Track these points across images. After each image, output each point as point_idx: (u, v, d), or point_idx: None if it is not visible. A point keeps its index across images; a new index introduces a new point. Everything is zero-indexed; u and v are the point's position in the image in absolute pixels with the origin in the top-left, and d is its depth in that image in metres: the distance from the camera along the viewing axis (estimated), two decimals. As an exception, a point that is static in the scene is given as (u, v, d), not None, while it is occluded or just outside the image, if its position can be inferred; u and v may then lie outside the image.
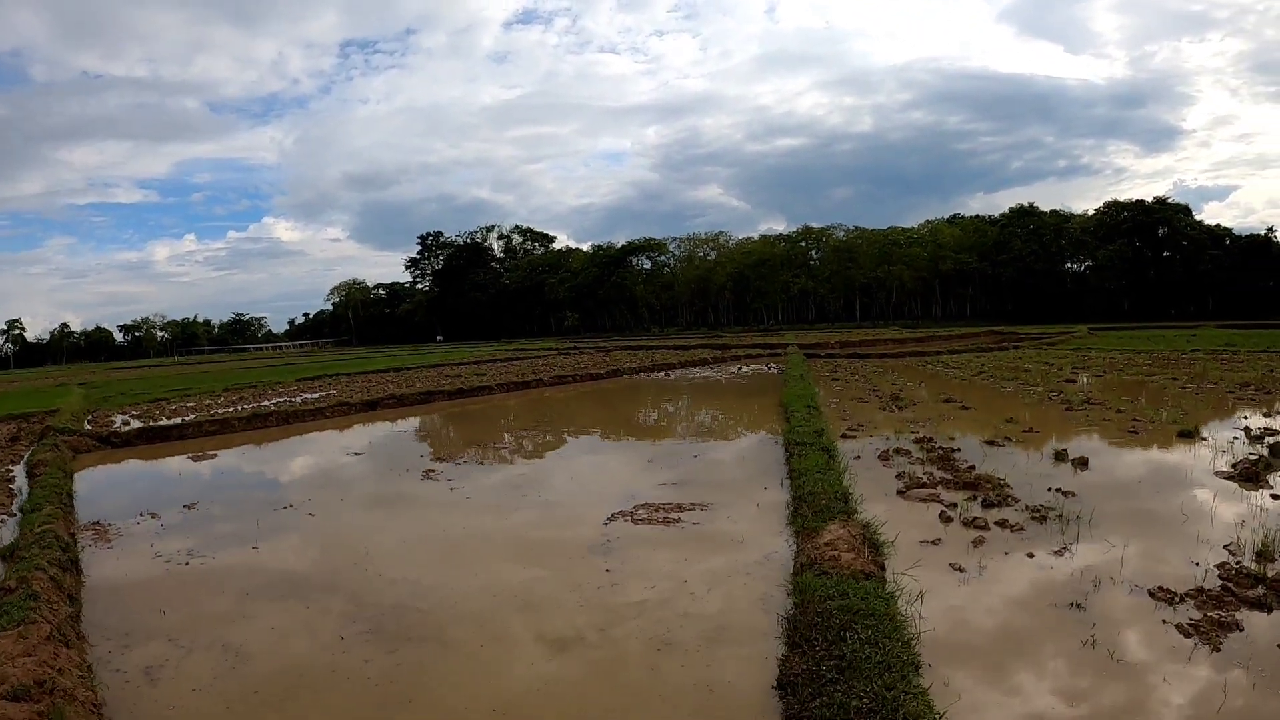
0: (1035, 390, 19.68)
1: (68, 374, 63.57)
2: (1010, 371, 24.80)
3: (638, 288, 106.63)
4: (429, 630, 6.04)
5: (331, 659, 5.58)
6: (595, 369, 33.42)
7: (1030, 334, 47.75)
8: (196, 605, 6.85)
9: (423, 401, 24.90)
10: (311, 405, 22.93)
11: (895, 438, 13.47)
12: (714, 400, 23.30)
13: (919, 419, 15.63)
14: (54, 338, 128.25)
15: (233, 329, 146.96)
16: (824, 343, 44.74)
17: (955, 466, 10.80)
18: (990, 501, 8.83)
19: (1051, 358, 30.36)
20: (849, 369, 29.98)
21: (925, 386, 22.43)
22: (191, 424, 19.76)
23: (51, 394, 32.50)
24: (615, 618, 6.07)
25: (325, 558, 8.31)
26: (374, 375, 37.13)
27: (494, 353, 55.42)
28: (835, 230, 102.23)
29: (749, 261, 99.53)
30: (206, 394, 29.45)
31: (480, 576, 7.26)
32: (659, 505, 9.41)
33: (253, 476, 14.04)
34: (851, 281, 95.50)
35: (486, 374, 33.29)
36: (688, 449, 13.63)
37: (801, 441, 11.66)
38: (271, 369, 48.60)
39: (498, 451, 14.98)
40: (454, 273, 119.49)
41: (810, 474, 9.40)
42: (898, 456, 11.80)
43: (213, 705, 5.03)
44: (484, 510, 10.02)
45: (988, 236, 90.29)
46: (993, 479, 9.76)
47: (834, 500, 8.10)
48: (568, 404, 24.12)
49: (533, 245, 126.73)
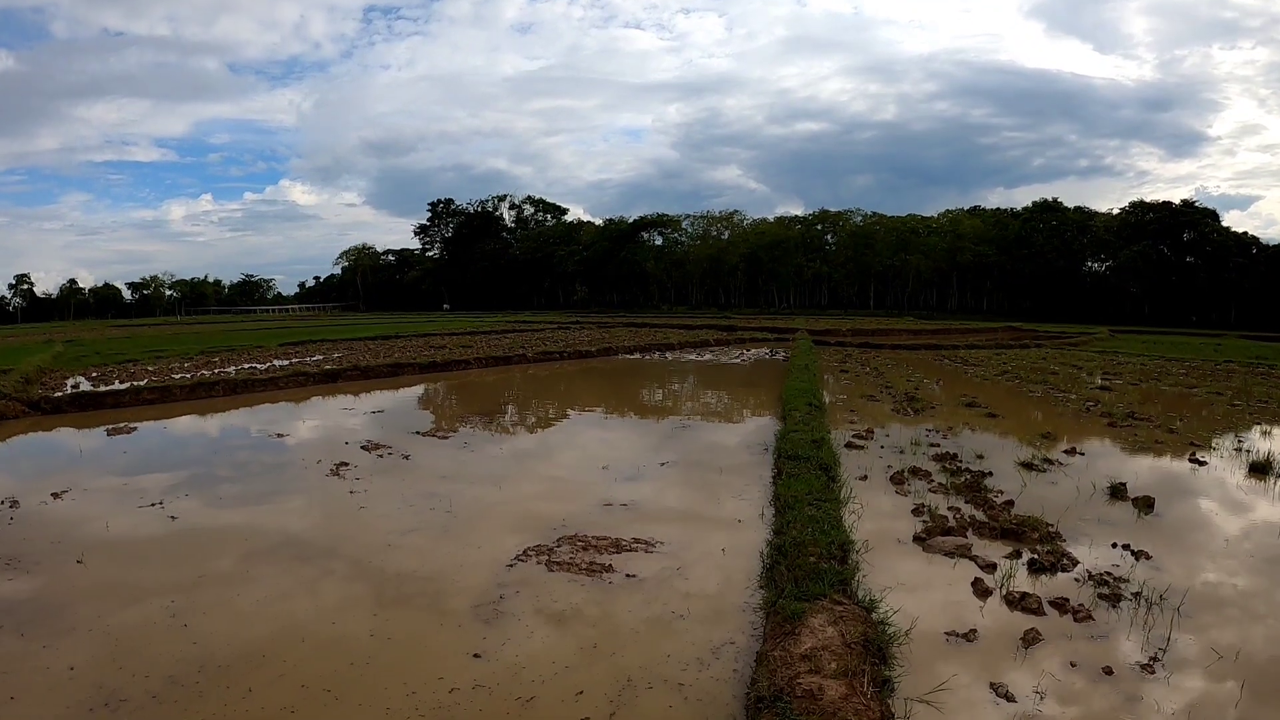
0: (1068, 398, 17.33)
1: (65, 330, 61.86)
2: (1035, 373, 22.39)
3: (648, 264, 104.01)
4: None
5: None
6: (587, 346, 31.31)
7: (1050, 333, 45.32)
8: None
9: (389, 374, 23.11)
10: (266, 375, 20.99)
11: (912, 451, 11.21)
12: (707, 389, 21.02)
13: (939, 427, 13.37)
14: (62, 294, 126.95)
15: (242, 290, 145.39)
16: (835, 330, 42.48)
17: (988, 499, 8.55)
18: (1041, 564, 6.57)
19: (1077, 360, 27.89)
20: (860, 360, 27.70)
21: (944, 386, 20.09)
22: (129, 391, 18.07)
23: (23, 352, 30.40)
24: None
25: (155, 573, 6.19)
26: (358, 343, 35.40)
27: (493, 324, 53.35)
28: (853, 215, 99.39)
29: (763, 243, 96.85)
30: (179, 357, 27.54)
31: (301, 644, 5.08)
32: (592, 540, 7.19)
33: (153, 457, 11.88)
34: (867, 268, 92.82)
35: (474, 346, 31.67)
36: (656, 454, 11.36)
37: (796, 455, 9.42)
38: (266, 331, 46.78)
39: (431, 444, 12.72)
40: (463, 241, 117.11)
41: (801, 506, 7.17)
42: (915, 479, 9.55)
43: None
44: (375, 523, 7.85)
45: (1009, 229, 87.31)
46: (1038, 524, 7.51)
47: (827, 557, 5.87)
48: (541, 385, 22.07)
49: (544, 216, 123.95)
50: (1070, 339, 39.50)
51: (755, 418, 14.89)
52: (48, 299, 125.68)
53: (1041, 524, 7.56)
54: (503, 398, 19.39)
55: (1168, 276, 77.33)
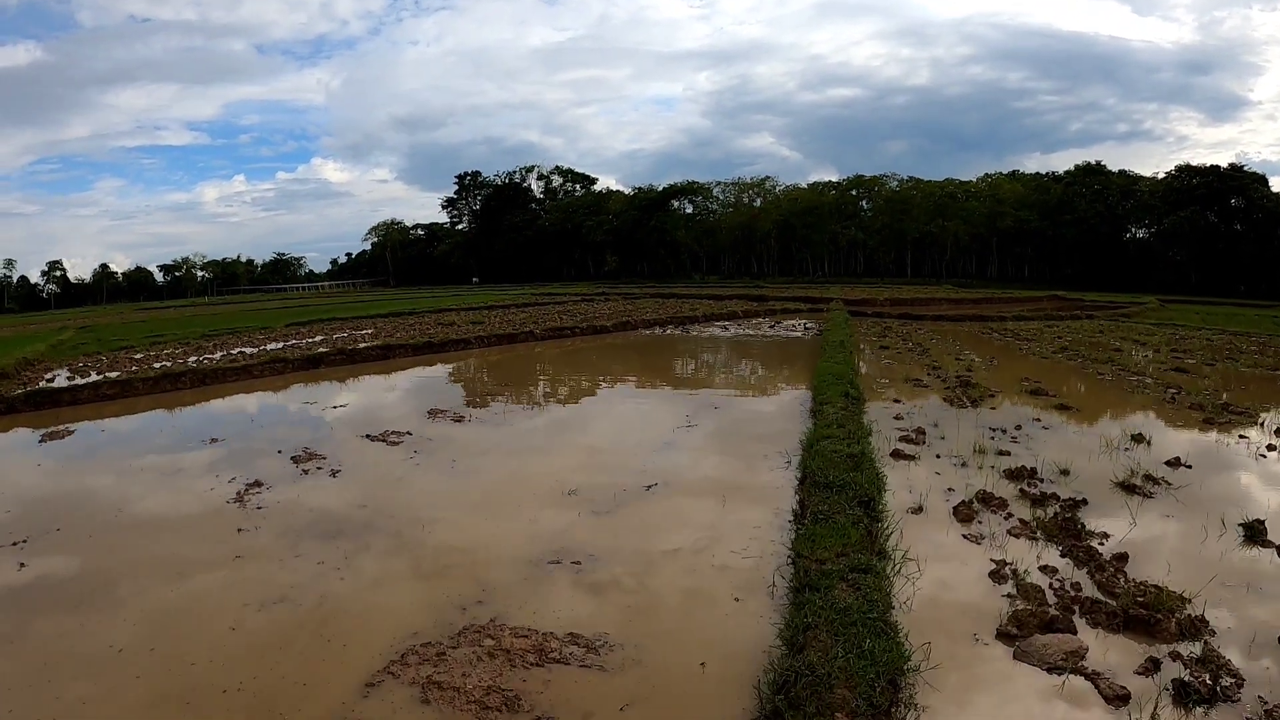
0: (1143, 382, 14.60)
1: (90, 315, 61.41)
2: (1096, 349, 19.53)
3: (679, 233, 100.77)
4: None
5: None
6: (604, 321, 29.11)
7: (1097, 302, 41.96)
8: None
9: (379, 358, 21.26)
10: (243, 363, 19.18)
11: (976, 462, 8.78)
12: (725, 371, 18.52)
13: (1005, 424, 10.86)
14: (95, 278, 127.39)
15: (274, 268, 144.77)
16: (872, 299, 39.58)
17: (1092, 551, 6.15)
18: (1194, 690, 4.18)
19: (1136, 333, 24.86)
20: (900, 333, 25.07)
21: (999, 365, 17.47)
22: (90, 387, 16.55)
23: (23, 342, 28.96)
24: None
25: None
26: (368, 320, 33.97)
27: (515, 297, 51.38)
28: (888, 180, 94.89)
29: (796, 209, 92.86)
30: (175, 342, 26.07)
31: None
32: (521, 637, 4.93)
33: (60, 473, 9.87)
34: (903, 235, 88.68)
35: (484, 322, 29.64)
36: (640, 475, 8.91)
37: (827, 480, 7.03)
38: (282, 310, 45.34)
39: (376, 452, 10.48)
40: (491, 213, 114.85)
41: (830, 585, 4.87)
42: (986, 511, 7.14)
43: None
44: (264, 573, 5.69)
45: (1051, 194, 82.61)
46: (1171, 600, 5.19)
47: (866, 696, 3.50)
48: (538, 368, 20.07)
49: (573, 186, 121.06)
50: (1120, 309, 36.30)
51: (779, 414, 12.39)
52: (81, 284, 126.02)
53: (1175, 600, 5.20)
54: (487, 386, 17.36)
55: (1214, 244, 72.68)
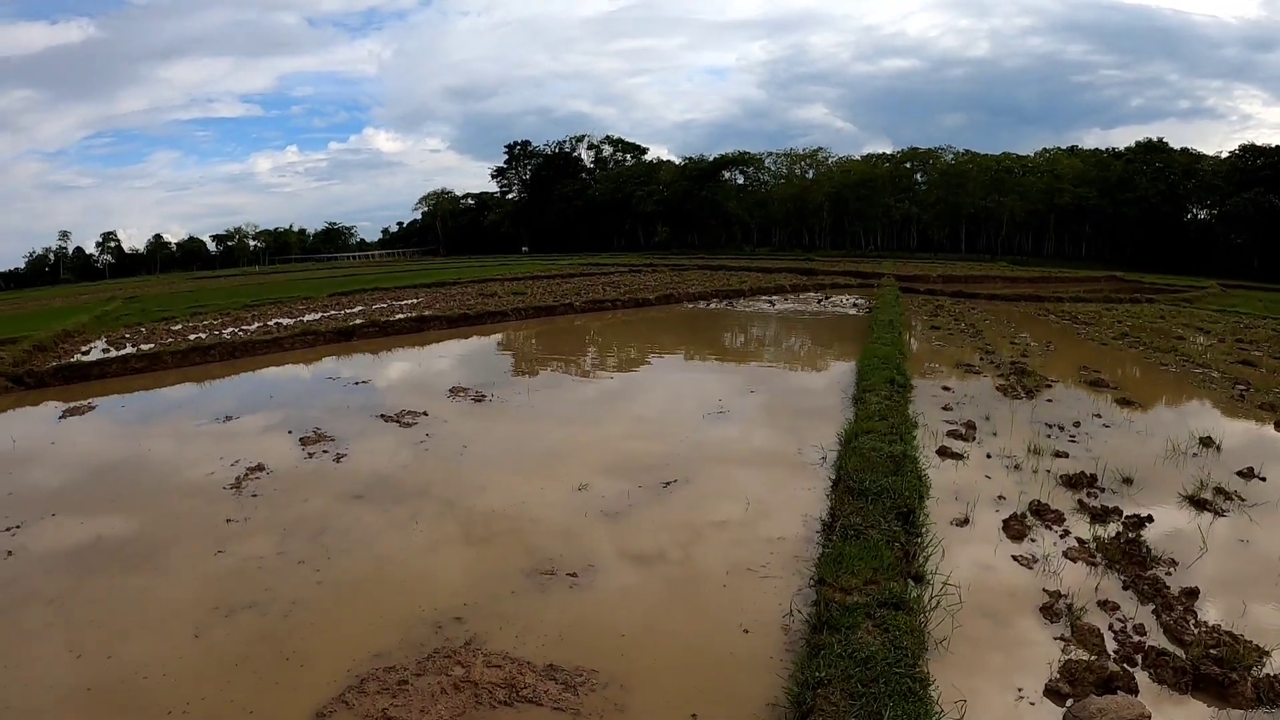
0: (1209, 376, 13.39)
1: (143, 284, 62.83)
2: (1158, 337, 18.20)
3: (730, 203, 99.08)
4: None
5: None
6: (647, 293, 28.46)
7: (1156, 285, 39.87)
8: None
9: (413, 330, 21.08)
10: (275, 335, 19.07)
11: (1031, 463, 7.95)
12: (765, 351, 17.66)
13: (1063, 419, 9.95)
14: (149, 249, 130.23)
15: (325, 237, 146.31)
16: (924, 275, 38.16)
17: (1159, 583, 5.38)
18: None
19: (1199, 320, 23.28)
20: (952, 312, 23.95)
21: (1056, 351, 16.35)
22: (118, 360, 16.58)
23: (70, 312, 29.40)
24: None
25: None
26: (410, 290, 33.77)
27: (563, 267, 50.80)
28: (943, 153, 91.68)
29: (849, 181, 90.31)
30: (216, 312, 26.23)
31: None
32: (493, 667, 4.35)
33: (73, 453, 9.65)
34: (958, 210, 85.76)
35: (526, 294, 29.24)
36: (661, 471, 8.27)
37: (862, 487, 6.32)
38: (328, 280, 45.55)
39: (386, 432, 9.96)
40: (542, 183, 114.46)
41: (856, 624, 4.20)
42: (1041, 528, 6.36)
43: None
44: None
45: (1111, 171, 79.09)
46: (1249, 654, 4.45)
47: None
48: (571, 342, 19.64)
49: (624, 156, 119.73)
50: (1180, 293, 34.41)
51: (818, 404, 11.57)
52: (135, 254, 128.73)
53: (1252, 653, 4.45)
54: (515, 363, 16.87)
55: (1278, 228, 69.04)
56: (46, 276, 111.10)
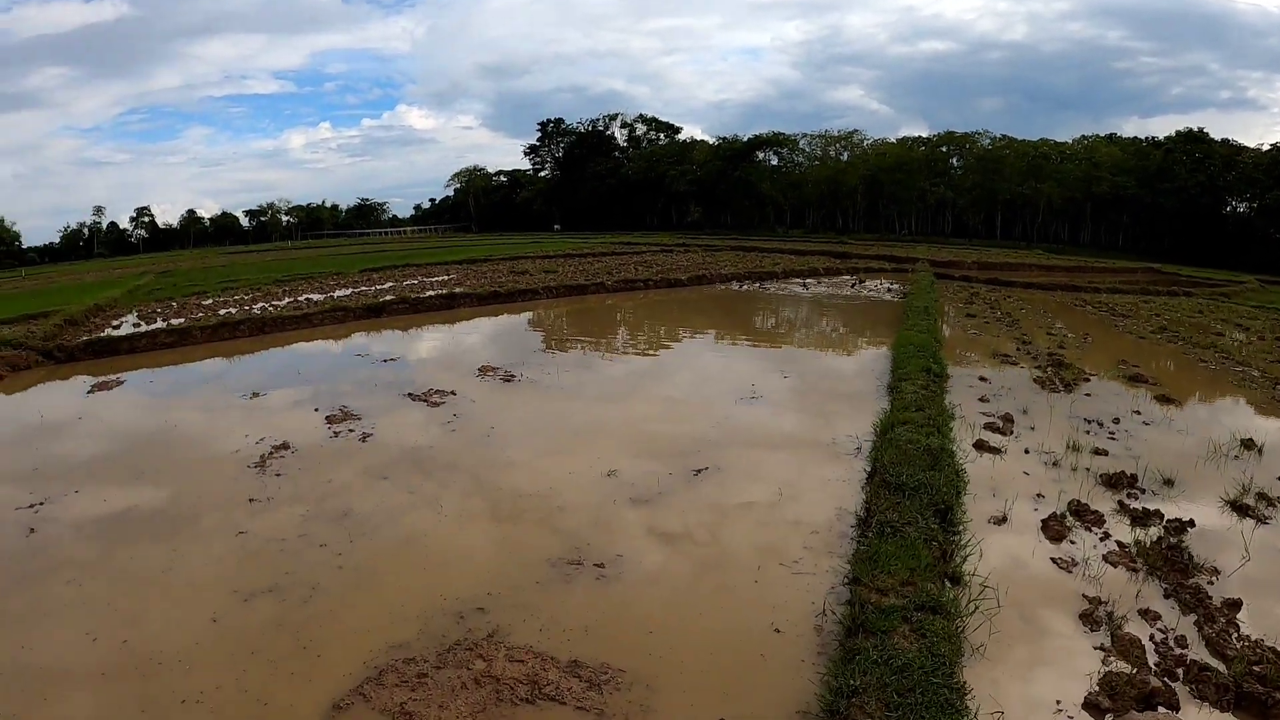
0: (1249, 374, 12.82)
1: (176, 259, 63.41)
2: (1198, 332, 17.57)
3: (763, 185, 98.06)
4: None
5: None
6: (680, 274, 28.20)
7: (1194, 278, 38.63)
8: None
9: (443, 307, 21.03)
10: (304, 311, 19.15)
11: (1070, 460, 7.72)
12: (800, 332, 17.40)
13: (1102, 415, 9.66)
14: (182, 224, 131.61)
15: (358, 213, 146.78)
16: (959, 262, 37.43)
17: (1200, 592, 5.18)
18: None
19: (1238, 315, 22.38)
20: (988, 299, 23.46)
21: (1094, 342, 15.89)
22: (147, 335, 16.67)
23: (104, 287, 29.75)
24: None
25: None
26: (441, 267, 33.56)
27: (595, 246, 50.38)
28: (980, 138, 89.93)
29: (884, 164, 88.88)
30: (247, 287, 26.32)
31: None
32: (516, 661, 4.24)
33: (98, 429, 9.75)
34: (994, 195, 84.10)
35: (557, 272, 29.12)
36: (687, 458, 8.12)
37: (899, 483, 6.15)
38: (360, 256, 45.81)
39: (413, 410, 9.91)
40: (574, 161, 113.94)
41: (892, 627, 4.07)
42: (1080, 529, 6.14)
43: None
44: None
45: (1150, 160, 77.13)
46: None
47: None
48: (600, 323, 19.54)
49: (657, 135, 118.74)
50: (1218, 287, 33.33)
51: (853, 388, 11.35)
52: (169, 229, 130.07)
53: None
54: (545, 342, 16.76)
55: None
56: (81, 251, 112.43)
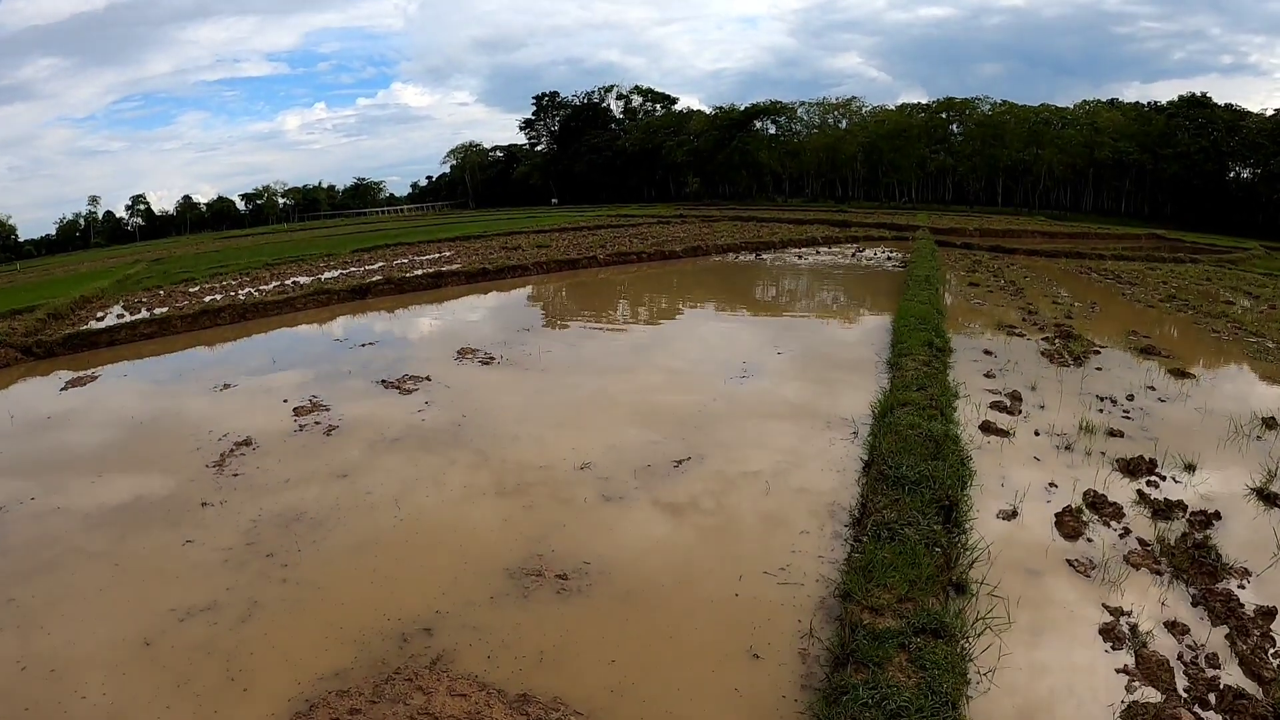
0: (1264, 345, 12.20)
1: (169, 246, 62.91)
2: (1206, 300, 16.90)
3: (761, 154, 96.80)
4: None
5: None
6: (675, 246, 27.54)
7: (1199, 244, 37.91)
8: None
9: (429, 286, 20.57)
10: (288, 295, 18.67)
11: (1084, 443, 7.20)
12: (792, 307, 16.76)
13: (1114, 391, 9.12)
14: (179, 210, 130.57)
15: (354, 193, 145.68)
16: (960, 229, 36.73)
17: (1230, 600, 4.67)
18: None
19: (1246, 283, 21.68)
20: (990, 267, 22.88)
21: (1101, 312, 15.31)
22: (126, 327, 16.41)
23: (93, 277, 29.18)
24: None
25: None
26: (434, 245, 33.07)
27: (590, 219, 49.85)
28: (980, 103, 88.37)
29: (883, 131, 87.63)
30: (237, 272, 25.81)
31: None
32: (458, 696, 3.73)
33: (64, 428, 9.29)
34: (995, 162, 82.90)
35: (550, 246, 28.61)
36: (677, 444, 7.59)
37: (898, 476, 5.63)
38: (353, 236, 45.25)
39: (383, 403, 9.40)
40: (570, 134, 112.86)
41: (886, 658, 3.59)
42: (1098, 524, 5.63)
43: None
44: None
45: (1152, 125, 75.98)
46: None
47: None
48: (588, 298, 19.06)
49: (653, 106, 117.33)
50: (1223, 253, 32.61)
51: (846, 372, 10.78)
52: (165, 216, 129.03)
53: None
54: (529, 321, 16.03)
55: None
56: (77, 242, 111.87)
